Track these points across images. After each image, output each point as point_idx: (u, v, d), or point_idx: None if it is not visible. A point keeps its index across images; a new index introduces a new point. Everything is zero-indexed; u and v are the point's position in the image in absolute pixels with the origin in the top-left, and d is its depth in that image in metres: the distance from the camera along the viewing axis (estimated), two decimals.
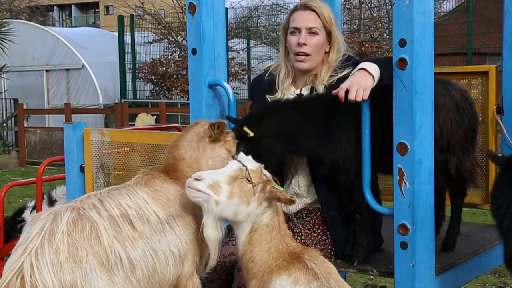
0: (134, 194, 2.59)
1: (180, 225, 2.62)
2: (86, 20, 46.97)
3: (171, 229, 2.59)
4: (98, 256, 2.37)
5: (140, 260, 2.47)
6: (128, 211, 2.51)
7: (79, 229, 2.40)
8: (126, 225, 2.48)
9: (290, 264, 2.51)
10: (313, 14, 3.17)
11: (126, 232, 2.46)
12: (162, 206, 2.60)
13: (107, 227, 2.43)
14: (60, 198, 5.17)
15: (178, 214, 2.63)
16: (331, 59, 3.21)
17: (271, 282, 2.50)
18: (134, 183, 2.68)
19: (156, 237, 2.53)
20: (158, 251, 2.52)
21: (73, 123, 3.71)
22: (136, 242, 2.47)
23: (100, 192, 2.61)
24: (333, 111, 2.97)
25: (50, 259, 2.31)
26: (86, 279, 2.32)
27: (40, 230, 2.38)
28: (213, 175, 2.48)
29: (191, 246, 2.66)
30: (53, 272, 2.29)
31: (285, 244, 2.58)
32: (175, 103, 17.43)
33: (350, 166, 2.95)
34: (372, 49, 17.15)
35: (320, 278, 2.45)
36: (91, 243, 2.38)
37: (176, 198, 2.66)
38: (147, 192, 2.62)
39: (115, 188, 2.65)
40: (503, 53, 3.28)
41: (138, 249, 2.47)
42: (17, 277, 2.31)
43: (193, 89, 3.23)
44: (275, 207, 2.58)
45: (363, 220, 3.05)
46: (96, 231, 2.41)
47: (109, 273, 2.38)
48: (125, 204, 2.53)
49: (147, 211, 2.55)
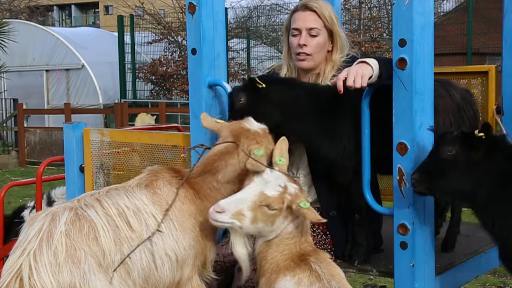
0: (133, 195, 2.57)
1: (178, 229, 2.60)
2: (86, 20, 46.94)
3: (168, 232, 2.56)
4: (96, 257, 2.36)
5: (137, 261, 2.46)
6: (125, 211, 2.50)
7: (77, 229, 2.39)
8: (124, 225, 2.47)
9: (296, 265, 2.56)
10: (313, 15, 3.18)
11: (124, 232, 2.45)
12: (161, 209, 2.58)
13: (105, 227, 2.42)
14: (58, 198, 5.16)
15: (177, 219, 2.60)
16: (335, 58, 3.22)
17: (277, 282, 2.54)
18: (135, 184, 2.65)
19: (153, 239, 2.51)
20: (155, 254, 2.51)
21: (73, 123, 3.71)
22: (133, 242, 2.46)
23: (98, 192, 2.60)
24: (338, 106, 2.97)
25: (49, 261, 2.30)
26: (85, 279, 2.32)
27: (38, 231, 2.37)
28: (235, 204, 2.46)
29: (192, 251, 2.63)
30: (52, 273, 2.29)
31: (298, 247, 2.60)
32: (175, 103, 17.42)
33: (349, 164, 2.95)
34: (372, 49, 17.13)
35: (323, 280, 2.49)
36: (89, 243, 2.37)
37: (175, 203, 2.62)
38: (146, 194, 2.59)
39: (115, 188, 2.64)
40: (503, 53, 3.28)
41: (135, 251, 2.46)
42: (16, 279, 2.30)
43: (193, 89, 3.23)
44: (302, 218, 2.58)
45: (362, 220, 3.05)
46: (94, 231, 2.40)
47: (106, 273, 2.38)
48: (123, 204, 2.52)
49: (144, 212, 2.54)
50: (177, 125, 5.02)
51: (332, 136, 2.96)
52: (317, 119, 3.00)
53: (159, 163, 3.27)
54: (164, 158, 3.35)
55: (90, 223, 2.41)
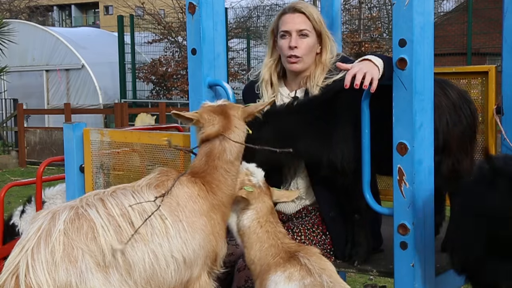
0: (141, 196, 2.55)
1: (188, 230, 2.57)
2: (86, 20, 46.94)
3: (176, 234, 2.53)
4: (94, 256, 2.35)
5: (138, 262, 2.44)
6: (130, 211, 2.48)
7: (76, 228, 2.38)
8: (127, 225, 2.45)
9: (285, 261, 2.60)
10: (302, 16, 3.18)
11: (126, 233, 2.44)
12: (170, 210, 2.56)
13: (105, 226, 2.41)
14: (48, 199, 5.12)
15: (187, 220, 2.58)
16: (324, 59, 3.21)
17: (268, 279, 2.58)
18: (144, 184, 2.63)
19: (158, 241, 2.49)
20: (159, 255, 2.48)
21: (73, 123, 3.71)
22: (135, 243, 2.44)
23: (103, 191, 2.57)
24: (327, 112, 2.97)
25: (45, 259, 2.30)
26: (81, 278, 2.31)
27: (37, 229, 2.38)
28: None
29: (202, 251, 2.61)
30: (48, 271, 2.29)
31: (279, 240, 2.67)
32: (175, 103, 17.42)
33: (348, 167, 2.94)
34: (372, 49, 17.13)
35: (313, 274, 2.53)
36: (87, 242, 2.36)
37: (187, 203, 2.61)
38: (155, 195, 2.56)
39: (122, 187, 2.61)
40: (503, 53, 3.28)
41: (137, 251, 2.44)
42: (12, 277, 2.30)
43: (193, 89, 3.23)
44: (254, 209, 2.71)
45: (361, 220, 3.05)
46: (93, 230, 2.39)
47: (105, 273, 2.37)
48: (128, 204, 2.50)
49: (151, 213, 2.51)
50: (177, 125, 5.00)
51: (328, 142, 2.95)
52: (309, 133, 2.99)
53: (159, 163, 3.27)
54: (164, 158, 3.35)
55: (90, 222, 2.40)
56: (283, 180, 3.23)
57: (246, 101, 3.42)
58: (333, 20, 3.83)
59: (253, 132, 2.86)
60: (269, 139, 2.95)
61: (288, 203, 3.29)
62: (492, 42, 14.79)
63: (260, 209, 2.73)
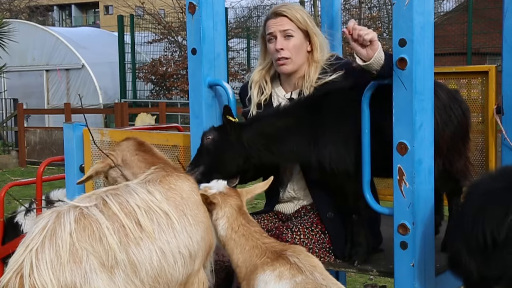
0: (145, 192, 2.55)
1: (192, 223, 2.59)
2: (86, 20, 46.96)
3: (182, 229, 2.54)
4: (99, 256, 2.35)
5: (145, 260, 2.43)
6: (135, 210, 2.47)
7: (81, 228, 2.37)
8: (132, 224, 2.44)
9: (273, 260, 2.57)
10: (284, 19, 3.20)
11: (131, 232, 2.43)
12: (175, 205, 2.57)
13: (110, 226, 2.39)
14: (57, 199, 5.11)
15: (191, 213, 2.61)
16: (317, 57, 3.22)
17: (256, 279, 2.54)
18: (146, 180, 2.63)
19: (165, 237, 2.49)
20: (166, 252, 2.48)
21: (73, 123, 3.71)
22: (141, 242, 2.43)
23: (107, 190, 2.57)
24: (318, 113, 2.97)
25: (50, 258, 2.30)
26: (86, 279, 2.30)
27: (42, 228, 2.37)
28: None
29: (203, 243, 2.63)
30: (52, 271, 2.28)
31: (259, 241, 2.66)
32: (175, 103, 17.44)
33: (337, 169, 2.93)
34: None
35: (305, 272, 2.50)
36: (92, 243, 2.36)
37: (190, 196, 2.64)
38: (160, 190, 2.58)
39: (125, 185, 2.61)
40: (503, 53, 3.28)
41: (144, 250, 2.43)
42: (17, 276, 2.30)
43: (193, 89, 3.23)
44: (225, 216, 2.72)
45: (360, 220, 3.05)
46: (98, 230, 2.38)
47: (110, 273, 2.36)
48: (133, 202, 2.49)
49: (157, 210, 2.52)
50: (177, 125, 5.02)
51: (315, 144, 2.95)
52: (299, 134, 3.00)
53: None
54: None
55: (95, 222, 2.39)
56: (280, 182, 3.24)
57: (241, 100, 3.44)
58: (333, 20, 3.83)
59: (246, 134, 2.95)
60: (259, 143, 3.00)
61: (287, 203, 3.30)
62: (492, 42, 14.80)
63: (230, 214, 2.71)
